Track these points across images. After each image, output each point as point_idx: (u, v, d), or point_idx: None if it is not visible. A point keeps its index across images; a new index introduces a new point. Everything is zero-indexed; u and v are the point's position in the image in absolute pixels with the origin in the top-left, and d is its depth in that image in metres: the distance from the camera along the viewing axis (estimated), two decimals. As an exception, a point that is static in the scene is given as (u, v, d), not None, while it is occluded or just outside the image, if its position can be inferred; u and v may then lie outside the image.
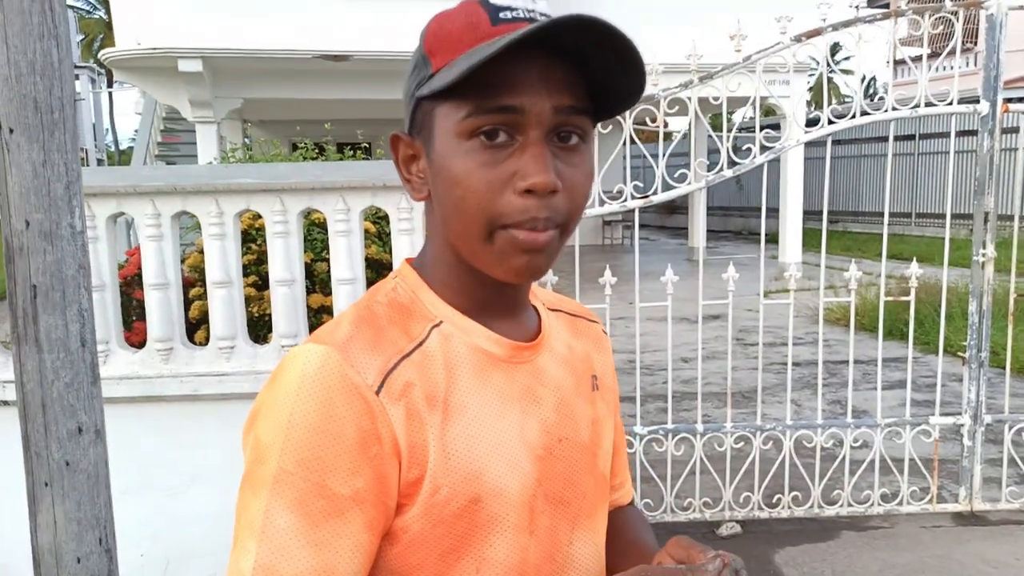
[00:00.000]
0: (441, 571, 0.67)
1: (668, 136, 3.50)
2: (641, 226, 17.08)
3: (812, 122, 3.56)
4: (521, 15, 0.65)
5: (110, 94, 19.90)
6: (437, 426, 0.67)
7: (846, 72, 29.69)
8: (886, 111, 3.50)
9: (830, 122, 3.53)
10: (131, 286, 3.68)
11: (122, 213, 3.01)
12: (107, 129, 21.48)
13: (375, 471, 0.63)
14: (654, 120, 3.41)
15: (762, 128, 3.50)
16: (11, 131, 1.94)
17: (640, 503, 3.56)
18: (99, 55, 8.22)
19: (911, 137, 14.79)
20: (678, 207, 17.75)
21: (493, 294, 0.73)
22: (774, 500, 3.63)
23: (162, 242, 2.97)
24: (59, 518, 2.06)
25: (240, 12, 7.28)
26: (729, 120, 3.63)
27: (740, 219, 18.29)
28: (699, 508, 3.59)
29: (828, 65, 3.85)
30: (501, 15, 0.65)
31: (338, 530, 0.62)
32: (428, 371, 0.68)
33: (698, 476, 3.53)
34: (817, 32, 3.38)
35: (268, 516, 0.62)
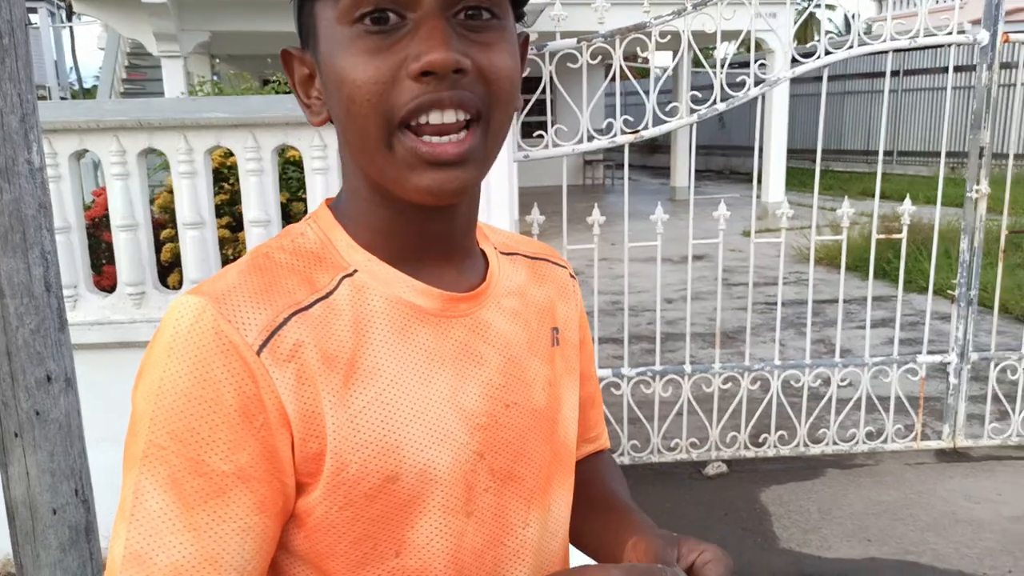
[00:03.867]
0: (355, 558, 0.58)
1: (647, 73, 3.36)
2: (620, 165, 16.81)
3: (804, 56, 3.43)
4: None
5: (71, 29, 19.08)
6: (337, 392, 0.56)
7: (830, 7, 29.31)
8: (884, 41, 3.38)
9: (827, 52, 3.40)
10: (99, 228, 3.53)
11: (86, 150, 2.84)
12: (70, 67, 20.68)
13: (262, 444, 0.54)
14: (645, 50, 3.27)
15: (746, 64, 3.37)
16: (-46, 58, 1.78)
17: (627, 444, 3.55)
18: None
19: (895, 74, 14.64)
20: (660, 146, 17.54)
21: (420, 233, 0.62)
22: (760, 439, 3.64)
23: (129, 180, 2.81)
24: (32, 469, 1.97)
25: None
26: (709, 57, 3.49)
27: (722, 158, 18.15)
28: (686, 448, 3.58)
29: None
30: None
31: (220, 512, 0.53)
32: (329, 328, 0.58)
33: (685, 417, 3.51)
34: (816, -43, 3.22)
35: (138, 497, 0.53)
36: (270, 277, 0.58)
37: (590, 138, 3.29)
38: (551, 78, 3.10)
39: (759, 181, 10.70)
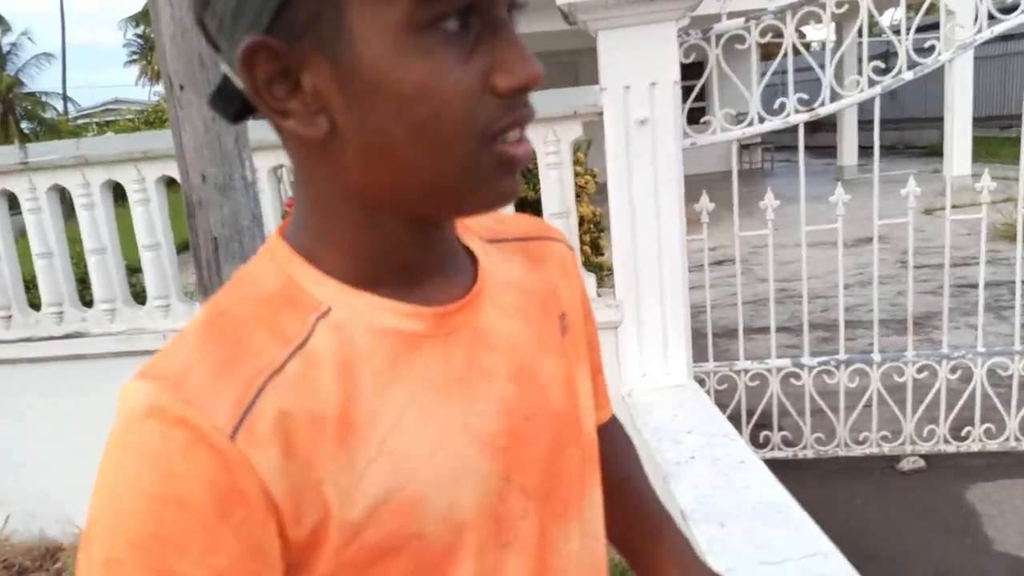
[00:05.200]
0: None
1: (808, 47, 3.16)
2: (780, 148, 16.00)
3: (1003, 12, 3.11)
4: None
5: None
6: (333, 455, 0.48)
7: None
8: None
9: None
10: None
11: (281, 165, 3.10)
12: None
13: (243, 541, 0.45)
14: (818, 21, 3.10)
15: (920, 29, 3.10)
16: (181, 87, 1.99)
17: (810, 437, 3.38)
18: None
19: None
20: (823, 124, 16.53)
21: (418, 247, 0.54)
22: (963, 433, 3.35)
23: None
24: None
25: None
26: (876, 25, 3.24)
27: (894, 132, 16.79)
28: (876, 442, 3.36)
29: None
30: None
31: None
32: (311, 385, 0.49)
33: (875, 408, 3.30)
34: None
35: None
36: (232, 340, 0.49)
37: (761, 119, 3.16)
38: (718, 61, 3.01)
39: (938, 154, 9.80)
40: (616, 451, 0.79)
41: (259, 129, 3.23)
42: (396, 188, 0.50)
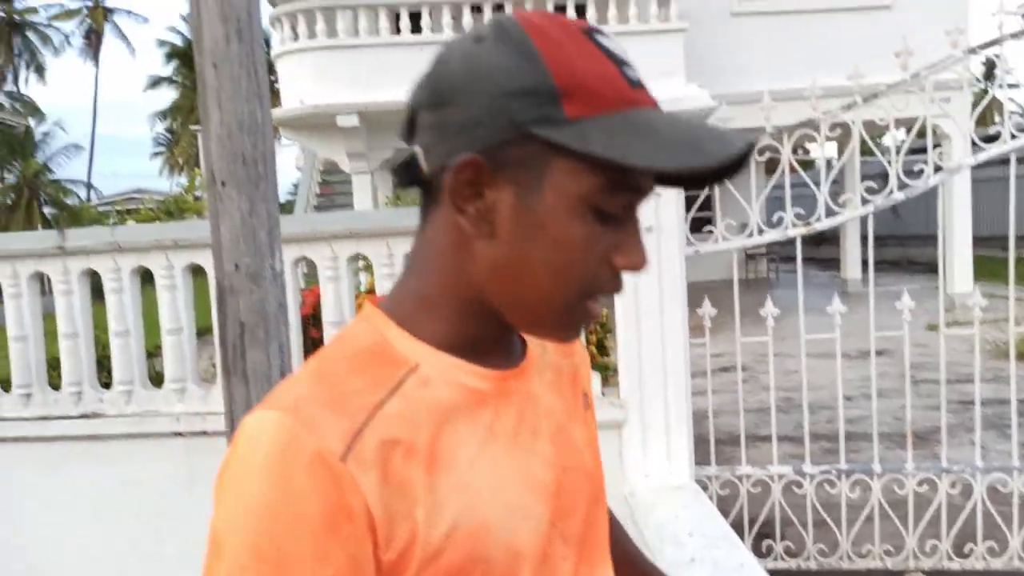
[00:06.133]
0: None
1: (809, 165, 3.37)
2: (785, 259, 16.19)
3: (985, 141, 3.33)
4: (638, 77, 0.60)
5: (271, 152, 21.60)
6: (423, 484, 0.57)
7: (1012, 86, 27.47)
8: (1081, 123, 3.21)
9: (1012, 137, 3.28)
10: (307, 325, 3.95)
11: (304, 257, 3.26)
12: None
13: (348, 555, 0.53)
14: (810, 142, 3.31)
15: (918, 151, 3.31)
16: (223, 184, 2.16)
17: (812, 548, 3.36)
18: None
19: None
20: (827, 238, 16.88)
21: (489, 330, 0.65)
22: (965, 550, 3.33)
23: (339, 283, 3.18)
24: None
25: (392, 66, 7.77)
26: (877, 144, 3.46)
27: (898, 248, 17.15)
28: (879, 556, 3.34)
29: (991, 78, 3.59)
30: (627, 73, 0.59)
31: None
32: (406, 422, 0.58)
33: (877, 521, 3.30)
34: (995, 42, 3.17)
35: None
36: (340, 381, 0.59)
37: (760, 231, 3.32)
38: (720, 176, 3.20)
39: (943, 272, 10.02)
40: (617, 528, 0.89)
41: (284, 224, 3.41)
42: (504, 296, 0.62)
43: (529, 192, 0.59)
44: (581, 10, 8.45)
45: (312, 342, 3.86)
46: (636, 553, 0.90)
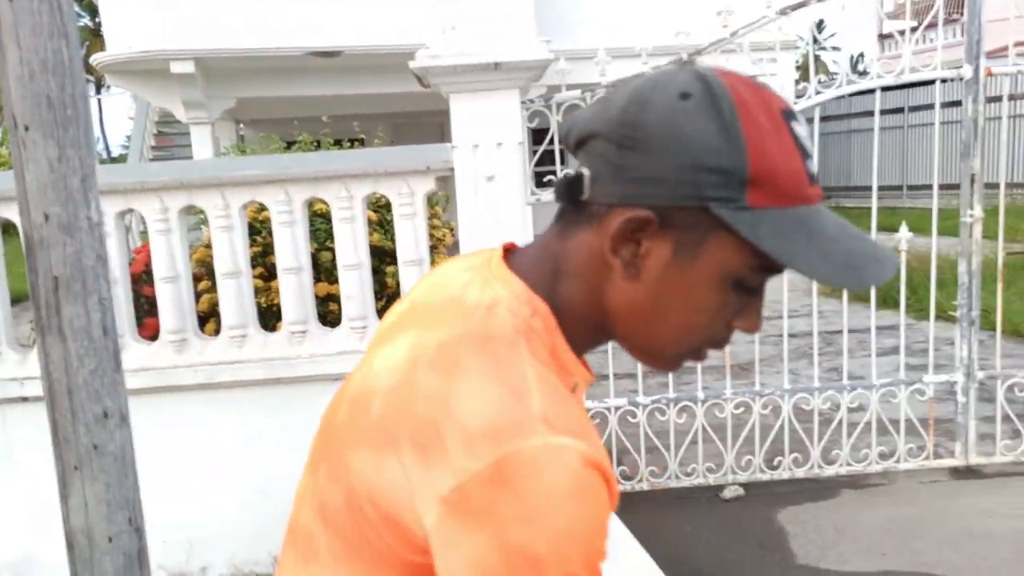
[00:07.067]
0: None
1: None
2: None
3: (799, 96, 3.64)
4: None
5: (99, 101, 19.89)
6: None
7: (835, 49, 29.72)
8: (872, 78, 3.58)
9: (817, 93, 3.61)
10: (139, 283, 3.76)
11: (130, 209, 3.09)
12: (98, 137, 21.49)
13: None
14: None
15: None
16: (27, 128, 2.01)
17: (645, 471, 3.66)
18: (90, 60, 8.23)
19: (900, 111, 14.87)
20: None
21: (596, 345, 0.73)
22: (775, 463, 3.74)
23: (170, 236, 3.05)
24: (89, 500, 2.13)
25: (231, 12, 7.33)
26: None
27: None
28: (703, 473, 3.69)
29: (815, 41, 3.92)
30: (809, 168, 0.62)
31: None
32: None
33: (700, 443, 3.63)
34: (803, 4, 3.45)
35: None
36: (563, 395, 0.63)
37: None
38: (559, 126, 3.32)
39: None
40: None
41: (107, 173, 3.21)
42: (630, 329, 0.68)
43: (684, 253, 0.62)
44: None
45: (145, 300, 3.68)
46: None
